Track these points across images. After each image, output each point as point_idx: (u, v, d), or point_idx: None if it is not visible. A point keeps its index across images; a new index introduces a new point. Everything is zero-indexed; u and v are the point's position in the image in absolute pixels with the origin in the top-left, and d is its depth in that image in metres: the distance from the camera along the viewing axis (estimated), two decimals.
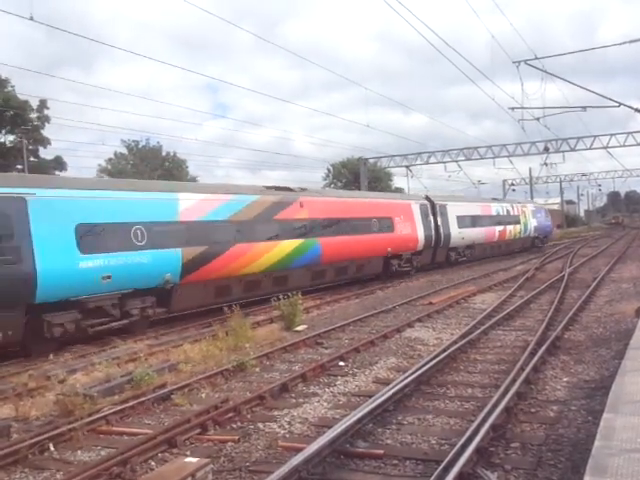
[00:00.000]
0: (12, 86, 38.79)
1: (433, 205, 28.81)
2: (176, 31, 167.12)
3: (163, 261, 14.54)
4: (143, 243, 14.01)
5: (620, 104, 20.49)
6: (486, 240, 34.29)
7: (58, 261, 12.06)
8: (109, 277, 13.09)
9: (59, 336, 12.35)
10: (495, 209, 36.63)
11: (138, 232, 13.92)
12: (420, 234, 26.74)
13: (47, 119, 40.53)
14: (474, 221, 32.61)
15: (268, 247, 17.96)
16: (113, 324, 13.47)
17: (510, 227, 37.88)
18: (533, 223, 42.29)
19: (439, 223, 28.68)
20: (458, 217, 30.50)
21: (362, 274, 23.48)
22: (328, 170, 68.14)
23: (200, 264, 15.58)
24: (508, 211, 38.27)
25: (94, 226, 13.02)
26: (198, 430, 7.32)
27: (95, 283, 12.84)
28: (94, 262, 12.80)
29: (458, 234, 30.35)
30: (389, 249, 24.16)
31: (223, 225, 16.62)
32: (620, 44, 19.23)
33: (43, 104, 40.00)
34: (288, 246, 18.74)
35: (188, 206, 15.68)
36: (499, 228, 36.02)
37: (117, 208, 13.76)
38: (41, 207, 12.01)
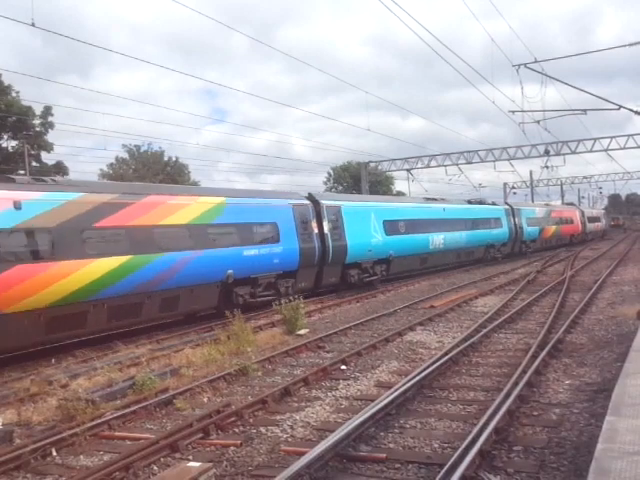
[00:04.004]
0: (16, 92, 38.90)
1: (582, 211, 60.69)
2: (172, 36, 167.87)
3: (535, 230, 43.29)
4: (542, 222, 45.43)
5: (620, 107, 20.54)
6: (593, 230, 65.53)
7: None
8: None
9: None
10: (594, 213, 70.26)
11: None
12: (579, 226, 57.29)
13: (51, 125, 40.59)
14: (591, 220, 64.31)
15: (551, 228, 47.24)
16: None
17: (599, 223, 70.30)
18: (604, 221, 75.41)
19: (583, 221, 59.13)
20: (588, 217, 62.03)
21: (563, 243, 51.77)
22: (329, 174, 68.26)
23: (541, 232, 44.43)
24: (597, 214, 71.57)
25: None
26: (200, 435, 7.32)
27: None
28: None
29: (588, 226, 61.42)
30: (571, 232, 54.65)
31: (543, 218, 45.42)
32: (619, 47, 19.28)
33: (47, 110, 40.06)
34: (553, 228, 48.06)
35: (539, 210, 45.89)
36: (596, 224, 67.73)
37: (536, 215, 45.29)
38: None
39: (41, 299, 11.99)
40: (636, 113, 21.04)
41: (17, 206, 11.93)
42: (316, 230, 20.39)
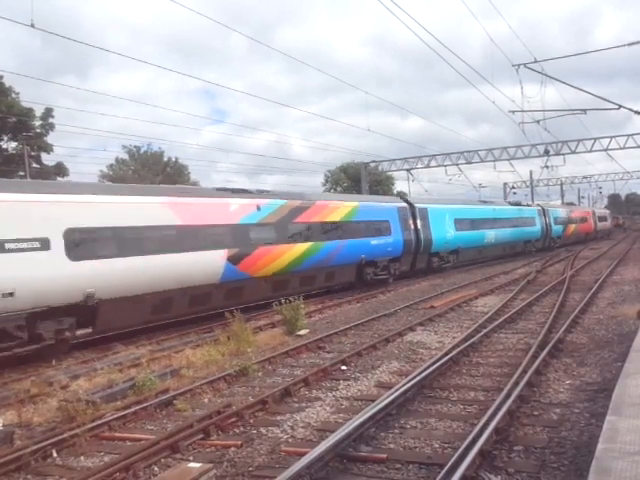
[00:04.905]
0: (16, 93, 38.90)
1: (594, 211, 67.52)
2: (171, 37, 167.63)
3: (560, 228, 49.62)
4: (565, 221, 51.85)
5: (620, 106, 20.54)
6: (602, 228, 70.12)
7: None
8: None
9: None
10: (602, 213, 74.46)
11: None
12: (593, 224, 63.58)
13: (51, 127, 40.58)
14: (601, 219, 69.48)
15: (572, 226, 53.23)
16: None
17: (606, 223, 74.79)
18: (610, 221, 79.37)
19: (595, 220, 64.70)
20: (598, 217, 67.38)
21: (580, 240, 55.74)
22: (326, 176, 67.93)
23: (565, 230, 50.76)
24: (604, 214, 75.87)
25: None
26: (201, 435, 7.33)
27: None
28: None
29: (598, 225, 66.58)
30: (586, 231, 59.75)
31: (566, 217, 52.31)
32: (619, 47, 19.27)
33: (48, 112, 40.06)
34: (573, 227, 53.80)
35: (562, 210, 53.28)
36: (604, 223, 72.15)
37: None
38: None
39: (269, 269, 17.90)
40: (636, 113, 21.03)
41: (258, 208, 17.78)
42: (412, 226, 26.51)
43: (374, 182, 54.65)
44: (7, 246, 11.33)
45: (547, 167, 45.73)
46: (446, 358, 10.31)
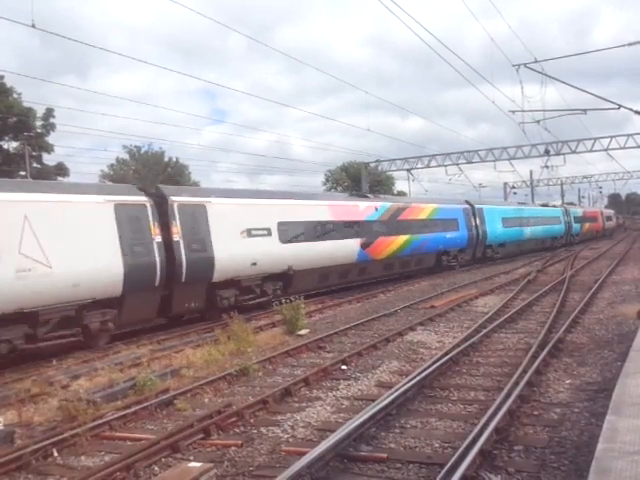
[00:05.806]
0: (18, 94, 38.88)
1: (602, 211, 72.07)
2: (171, 37, 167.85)
3: (578, 226, 55.85)
4: (582, 220, 58.71)
5: (620, 106, 20.53)
6: (608, 227, 74.51)
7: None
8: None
9: None
10: (608, 213, 78.53)
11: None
12: (601, 223, 68.37)
13: (52, 127, 40.58)
14: (607, 219, 74.97)
15: (586, 225, 60.43)
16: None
17: (612, 222, 79.72)
18: (614, 220, 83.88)
19: (603, 219, 69.60)
20: (605, 217, 73.36)
21: (592, 237, 62.18)
22: (326, 176, 67.85)
23: (581, 228, 58.43)
24: (610, 214, 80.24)
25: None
26: (201, 435, 7.33)
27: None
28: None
29: (606, 224, 71.88)
30: (597, 229, 66.15)
31: (582, 217, 59.04)
32: (618, 47, 19.26)
33: (49, 112, 40.05)
34: (588, 225, 61.62)
35: (579, 210, 61.03)
36: (610, 222, 77.38)
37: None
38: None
39: (383, 254, 23.96)
40: (636, 113, 21.00)
41: (376, 209, 24.04)
42: (473, 223, 32.45)
43: (374, 182, 54.63)
44: (253, 232, 17.35)
45: (547, 167, 45.68)
46: (446, 358, 10.32)
